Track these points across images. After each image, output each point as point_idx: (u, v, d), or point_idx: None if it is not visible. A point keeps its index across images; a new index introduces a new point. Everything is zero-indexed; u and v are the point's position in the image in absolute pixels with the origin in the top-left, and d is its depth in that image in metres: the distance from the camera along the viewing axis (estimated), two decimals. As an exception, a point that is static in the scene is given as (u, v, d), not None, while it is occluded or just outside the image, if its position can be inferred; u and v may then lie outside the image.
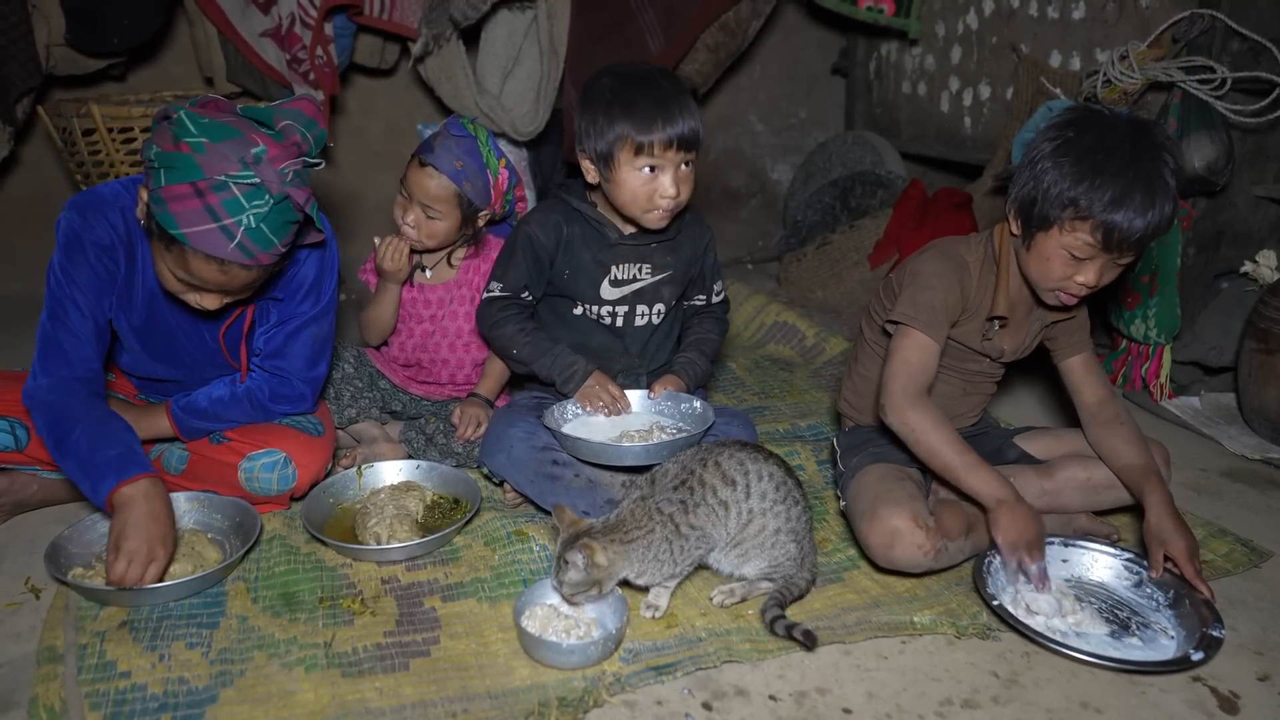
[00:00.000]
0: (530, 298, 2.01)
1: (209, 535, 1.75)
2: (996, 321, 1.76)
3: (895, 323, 1.72)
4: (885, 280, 1.89)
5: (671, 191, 1.83)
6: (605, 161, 1.83)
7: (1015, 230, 1.69)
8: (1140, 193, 1.52)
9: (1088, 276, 1.61)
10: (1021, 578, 1.61)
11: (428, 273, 2.18)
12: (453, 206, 2.05)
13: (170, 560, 1.59)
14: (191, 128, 1.48)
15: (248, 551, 1.71)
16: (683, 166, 1.84)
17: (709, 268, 2.13)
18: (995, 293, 1.73)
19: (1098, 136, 1.57)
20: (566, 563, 1.46)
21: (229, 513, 1.80)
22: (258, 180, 1.49)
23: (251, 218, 1.51)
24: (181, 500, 1.81)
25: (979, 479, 1.62)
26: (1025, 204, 1.65)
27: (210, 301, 1.63)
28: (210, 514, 1.81)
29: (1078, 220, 1.57)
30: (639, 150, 1.79)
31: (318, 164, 1.62)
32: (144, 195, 1.56)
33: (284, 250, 1.61)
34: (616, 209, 1.92)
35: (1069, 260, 1.61)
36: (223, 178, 1.48)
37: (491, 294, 2.00)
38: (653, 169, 1.81)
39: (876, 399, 1.88)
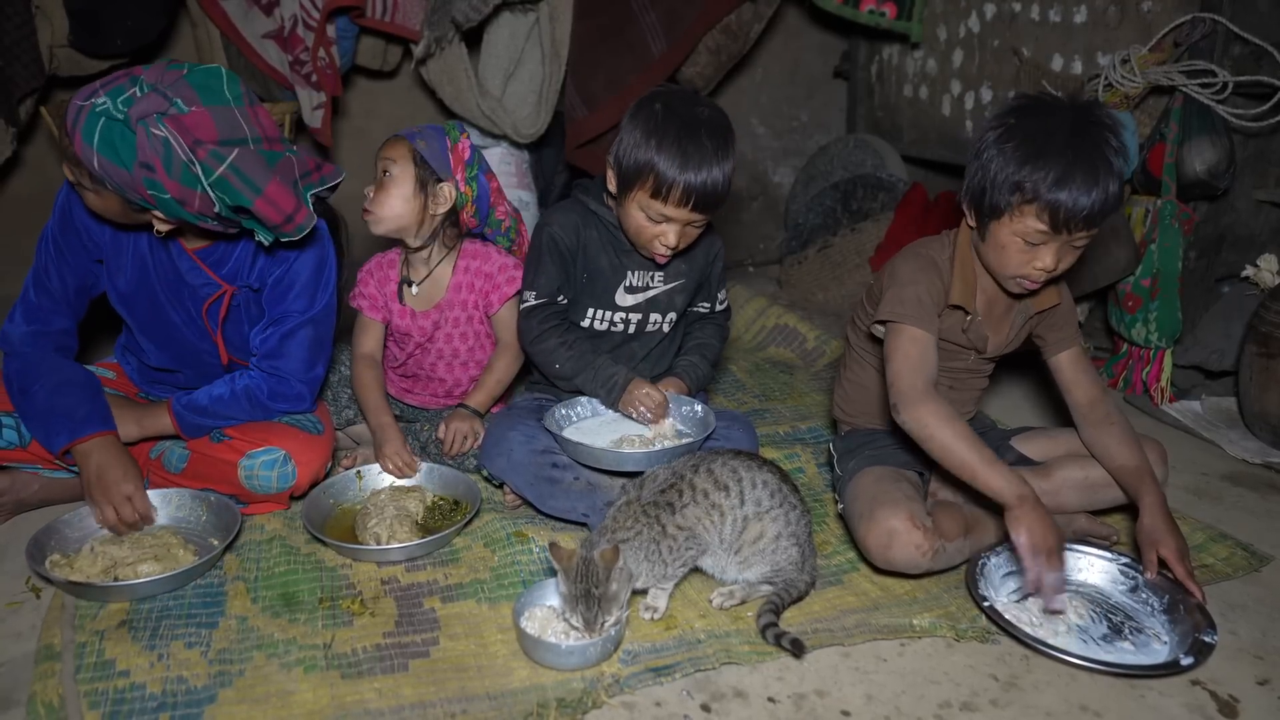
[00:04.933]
0: (564, 300, 1.99)
1: (180, 535, 1.75)
2: (965, 313, 1.74)
3: (885, 323, 1.71)
4: (868, 287, 1.88)
5: (672, 243, 1.84)
6: (624, 186, 1.82)
7: (971, 222, 1.70)
8: (1082, 171, 1.52)
9: (1045, 261, 1.60)
10: (1035, 588, 1.52)
11: (414, 289, 2.12)
12: (408, 163, 1.99)
13: (143, 489, 1.78)
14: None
15: (227, 548, 1.71)
16: (691, 225, 1.85)
17: (715, 275, 2.12)
18: (951, 283, 1.72)
19: (1038, 120, 1.58)
20: (601, 588, 1.42)
21: (214, 511, 1.81)
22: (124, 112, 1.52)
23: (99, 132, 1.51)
24: (168, 495, 1.82)
25: (997, 476, 1.57)
26: (976, 194, 1.65)
27: (161, 225, 1.67)
28: (192, 513, 1.82)
29: (1025, 204, 1.57)
30: (655, 195, 1.78)
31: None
32: None
33: (132, 177, 1.53)
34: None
35: (1024, 247, 1.60)
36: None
37: (528, 304, 1.96)
38: (662, 218, 1.81)
39: (879, 404, 1.89)
